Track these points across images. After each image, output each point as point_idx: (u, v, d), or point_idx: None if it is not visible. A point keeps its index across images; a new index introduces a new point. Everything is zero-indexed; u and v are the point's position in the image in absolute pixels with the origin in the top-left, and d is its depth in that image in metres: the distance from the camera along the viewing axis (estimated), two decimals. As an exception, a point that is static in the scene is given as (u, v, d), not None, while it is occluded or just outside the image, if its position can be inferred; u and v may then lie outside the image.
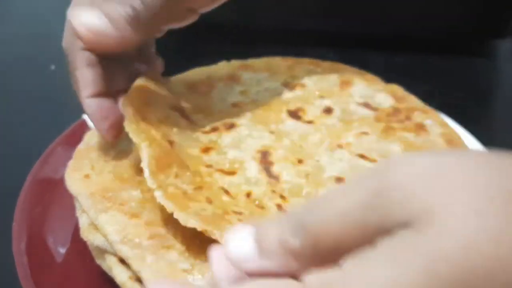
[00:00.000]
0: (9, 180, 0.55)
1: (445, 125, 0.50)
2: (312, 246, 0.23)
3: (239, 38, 0.49)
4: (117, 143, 0.46)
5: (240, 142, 0.44)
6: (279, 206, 0.38)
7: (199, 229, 0.33)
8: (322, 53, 0.63)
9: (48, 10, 0.88)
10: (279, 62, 0.55)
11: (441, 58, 0.77)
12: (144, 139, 0.39)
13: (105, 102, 0.42)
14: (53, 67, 0.73)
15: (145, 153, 0.38)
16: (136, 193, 0.41)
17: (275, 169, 0.42)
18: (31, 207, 0.47)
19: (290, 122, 0.47)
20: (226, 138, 0.45)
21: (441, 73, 0.75)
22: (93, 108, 0.42)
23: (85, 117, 0.56)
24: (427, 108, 0.52)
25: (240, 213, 0.37)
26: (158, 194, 0.36)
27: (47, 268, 0.42)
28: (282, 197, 0.39)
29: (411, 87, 0.55)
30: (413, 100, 0.52)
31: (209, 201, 0.36)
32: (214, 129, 0.46)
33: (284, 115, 0.48)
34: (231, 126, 0.46)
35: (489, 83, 0.77)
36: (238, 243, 0.26)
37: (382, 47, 0.77)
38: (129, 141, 0.46)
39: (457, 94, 0.71)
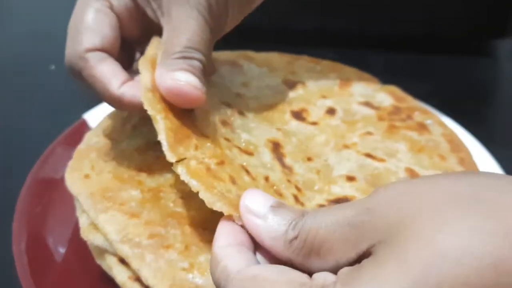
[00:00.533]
0: (9, 180, 0.55)
1: (444, 125, 0.50)
2: (303, 241, 0.28)
3: (239, 38, 0.49)
4: (117, 143, 0.46)
5: (250, 130, 0.44)
6: (295, 197, 0.38)
7: (226, 213, 0.32)
8: (322, 53, 0.63)
9: (48, 10, 0.89)
10: (277, 58, 0.55)
11: (441, 58, 0.77)
12: (159, 110, 0.36)
13: (138, 84, 0.40)
14: (53, 67, 0.74)
15: (161, 126, 0.36)
16: (136, 193, 0.41)
17: (287, 160, 0.42)
18: (31, 207, 0.47)
19: (294, 123, 0.47)
20: (237, 119, 0.44)
21: (441, 73, 0.76)
22: (132, 91, 0.40)
23: (85, 117, 0.56)
24: (426, 108, 0.52)
25: None
26: (181, 170, 0.34)
27: (47, 268, 0.42)
28: (297, 188, 0.39)
29: (411, 87, 0.55)
30: (412, 100, 0.52)
31: (233, 180, 0.35)
32: (226, 104, 0.45)
33: (287, 116, 0.48)
34: (240, 112, 0.46)
35: (489, 83, 0.77)
36: (258, 199, 0.31)
37: (382, 47, 0.77)
38: (129, 140, 0.46)
39: (457, 94, 0.71)
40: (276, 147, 0.42)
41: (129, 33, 0.44)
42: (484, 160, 0.52)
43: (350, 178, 0.42)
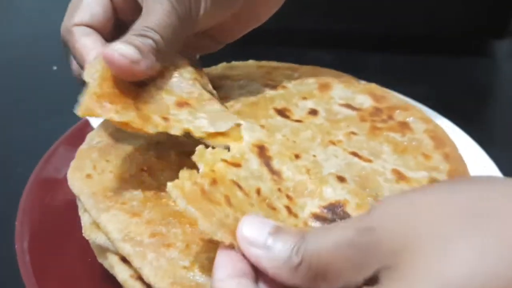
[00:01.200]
0: (12, 179, 0.55)
1: (427, 120, 0.50)
2: (307, 266, 0.27)
3: (239, 39, 0.49)
4: (118, 143, 0.46)
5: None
6: (288, 209, 0.38)
7: (227, 243, 0.31)
8: (321, 54, 0.64)
9: (50, 11, 0.89)
10: (255, 69, 0.55)
11: (441, 58, 0.78)
12: (95, 78, 0.38)
13: None
14: (55, 67, 0.74)
15: (87, 89, 0.38)
16: (137, 192, 0.41)
17: (275, 164, 0.41)
18: (34, 206, 0.47)
19: (279, 118, 0.47)
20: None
21: (440, 73, 0.76)
22: None
23: (87, 117, 0.56)
24: (407, 104, 0.52)
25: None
26: (175, 194, 0.33)
27: (49, 267, 0.43)
28: (288, 197, 0.39)
29: (410, 88, 0.56)
30: (392, 98, 0.52)
31: (228, 201, 0.35)
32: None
33: (272, 112, 0.48)
34: None
35: (489, 83, 0.77)
36: (255, 226, 0.30)
37: (382, 47, 0.77)
38: (131, 140, 0.47)
39: (456, 94, 0.71)
40: (261, 151, 0.42)
41: (125, 16, 0.47)
42: (483, 162, 0.52)
43: (341, 179, 0.41)
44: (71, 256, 0.44)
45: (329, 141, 0.45)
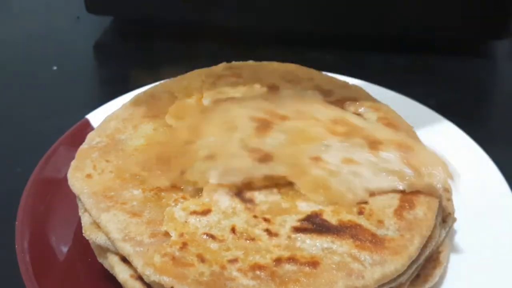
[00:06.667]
0: (12, 179, 0.55)
1: (376, 107, 0.50)
2: None
3: (240, 40, 0.49)
4: (118, 143, 0.46)
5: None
6: (268, 231, 0.38)
7: None
8: (321, 53, 0.64)
9: (50, 11, 0.89)
10: (199, 83, 0.54)
11: (441, 59, 0.78)
12: None
13: None
14: (55, 67, 0.74)
15: None
16: (137, 192, 0.41)
17: (246, 193, 0.41)
18: (34, 206, 0.47)
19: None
20: None
21: (440, 73, 0.76)
22: None
23: (88, 117, 0.56)
24: (354, 93, 0.52)
25: (235, 260, 0.36)
26: (149, 272, 0.35)
27: (49, 266, 0.43)
28: (265, 220, 0.39)
29: (410, 87, 0.56)
30: (339, 91, 0.52)
31: (201, 259, 0.36)
32: None
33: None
34: None
35: (488, 83, 0.77)
36: None
37: (382, 47, 0.77)
38: (131, 140, 0.47)
39: (456, 94, 0.71)
40: None
41: None
42: (483, 162, 0.52)
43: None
44: (71, 256, 0.44)
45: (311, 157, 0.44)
